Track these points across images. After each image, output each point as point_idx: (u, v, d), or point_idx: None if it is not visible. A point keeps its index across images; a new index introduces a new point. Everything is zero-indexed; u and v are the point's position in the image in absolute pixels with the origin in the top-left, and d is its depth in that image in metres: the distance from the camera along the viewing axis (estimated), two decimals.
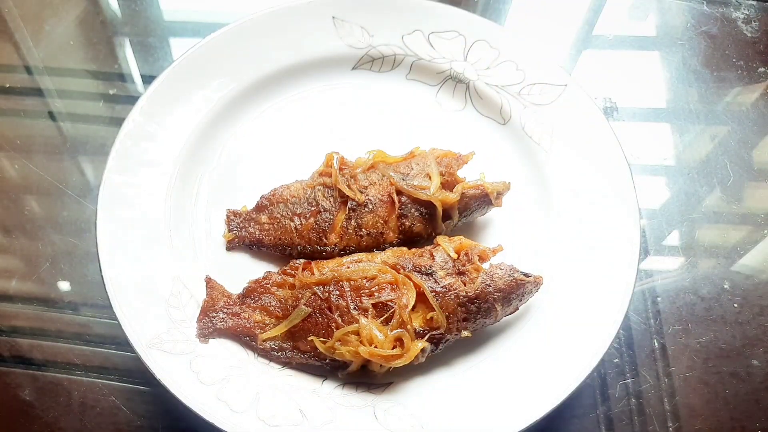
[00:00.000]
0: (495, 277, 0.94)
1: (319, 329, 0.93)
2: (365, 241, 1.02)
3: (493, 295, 0.93)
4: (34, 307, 1.10)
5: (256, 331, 0.97)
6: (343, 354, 0.90)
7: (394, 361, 0.89)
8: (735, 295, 1.14)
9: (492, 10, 1.52)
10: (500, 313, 0.95)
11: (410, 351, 0.89)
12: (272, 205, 1.07)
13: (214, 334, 0.97)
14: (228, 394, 0.90)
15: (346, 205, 1.03)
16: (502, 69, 1.19)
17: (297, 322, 0.95)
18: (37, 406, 1.01)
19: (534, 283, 0.96)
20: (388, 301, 0.92)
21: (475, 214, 1.06)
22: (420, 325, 0.92)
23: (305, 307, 0.94)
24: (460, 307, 0.93)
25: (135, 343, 0.90)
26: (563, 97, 1.15)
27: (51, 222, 1.18)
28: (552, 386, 0.91)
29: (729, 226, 1.22)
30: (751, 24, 1.50)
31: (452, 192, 1.02)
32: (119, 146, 1.06)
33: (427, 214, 1.02)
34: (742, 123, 1.35)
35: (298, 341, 0.95)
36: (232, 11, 1.49)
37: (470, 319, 0.94)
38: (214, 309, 0.98)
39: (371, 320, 0.91)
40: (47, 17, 1.45)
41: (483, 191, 1.02)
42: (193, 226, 1.08)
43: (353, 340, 0.90)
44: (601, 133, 1.11)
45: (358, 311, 0.92)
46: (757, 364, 1.08)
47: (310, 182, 1.08)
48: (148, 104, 1.11)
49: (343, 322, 0.92)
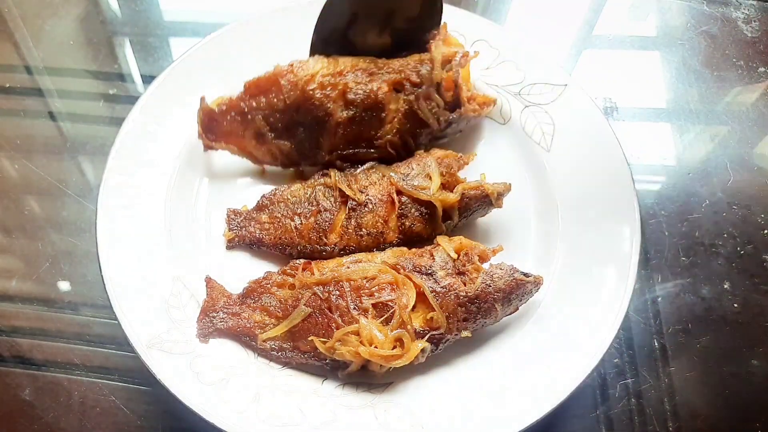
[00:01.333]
0: (495, 277, 0.94)
1: (319, 329, 0.93)
2: (365, 240, 1.02)
3: (493, 295, 0.93)
4: (34, 307, 1.10)
5: (256, 331, 0.97)
6: (343, 354, 0.90)
7: (394, 362, 0.89)
8: (735, 295, 1.14)
9: (492, 10, 1.52)
10: (500, 313, 0.95)
11: (410, 351, 0.89)
12: (273, 204, 1.07)
13: (214, 334, 0.97)
14: (228, 394, 0.90)
15: (347, 204, 1.03)
16: (502, 69, 1.19)
17: (297, 322, 0.95)
18: (37, 406, 1.01)
19: (534, 283, 0.96)
20: (388, 301, 0.92)
21: (476, 215, 1.06)
22: (420, 326, 0.92)
23: (305, 307, 0.94)
24: (460, 307, 0.93)
25: (135, 343, 0.90)
26: (563, 96, 1.15)
27: (51, 222, 1.18)
28: (552, 386, 0.91)
29: (729, 226, 1.22)
30: (751, 24, 1.50)
31: (452, 192, 1.02)
32: (119, 146, 1.06)
33: (428, 214, 1.02)
34: (742, 123, 1.35)
35: (298, 341, 0.95)
36: (232, 11, 1.49)
37: (470, 319, 0.94)
38: (214, 309, 0.98)
39: (371, 320, 0.91)
40: (47, 17, 1.45)
41: (483, 192, 1.02)
42: (193, 225, 1.08)
43: (353, 340, 0.90)
44: (601, 132, 1.11)
45: (358, 311, 0.92)
46: (757, 364, 1.08)
47: (311, 182, 1.08)
48: (148, 104, 1.11)
49: (343, 322, 0.92)
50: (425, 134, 1.10)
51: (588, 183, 1.09)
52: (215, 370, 0.92)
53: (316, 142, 1.08)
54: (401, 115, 1.08)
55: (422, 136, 1.10)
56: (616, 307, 0.96)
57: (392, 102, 1.08)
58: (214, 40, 1.18)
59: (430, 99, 1.07)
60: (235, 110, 1.09)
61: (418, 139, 1.10)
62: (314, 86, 1.06)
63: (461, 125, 1.12)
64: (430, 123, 1.08)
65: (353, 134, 1.08)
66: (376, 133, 1.08)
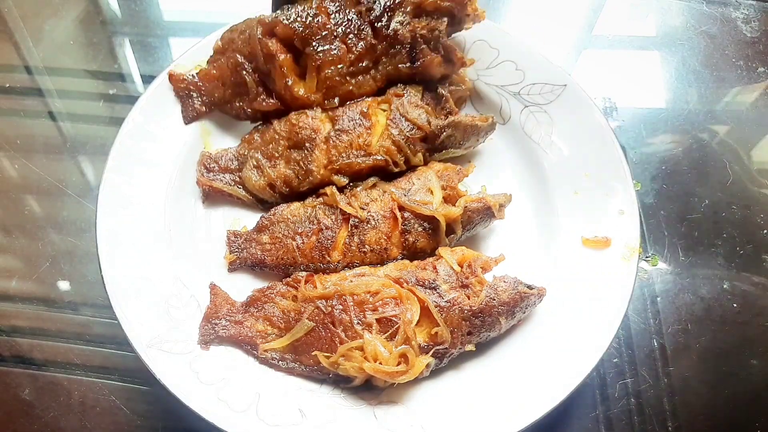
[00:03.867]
0: (499, 290, 0.93)
1: (322, 343, 0.92)
2: (369, 257, 1.00)
3: (497, 308, 0.92)
4: (34, 307, 1.10)
5: (257, 341, 0.96)
6: (347, 370, 0.89)
7: (398, 378, 0.88)
8: (735, 295, 1.14)
9: (492, 10, 1.52)
10: (504, 326, 0.95)
11: (415, 367, 0.88)
12: (273, 224, 1.05)
13: (216, 341, 0.96)
14: (228, 393, 0.90)
15: (348, 222, 1.02)
16: (502, 69, 1.19)
17: (300, 336, 0.94)
18: (37, 405, 1.01)
19: (538, 295, 0.95)
20: (392, 316, 0.91)
21: (478, 228, 1.05)
22: (424, 340, 0.91)
23: (308, 321, 0.93)
24: (464, 322, 0.92)
25: (135, 343, 0.90)
26: (563, 97, 1.15)
27: (51, 222, 1.18)
28: (552, 386, 0.91)
29: (728, 225, 1.22)
30: (751, 24, 1.50)
31: (455, 206, 1.01)
32: (119, 146, 1.06)
33: (431, 229, 1.01)
34: (741, 123, 1.35)
35: (301, 355, 0.94)
36: (232, 11, 1.48)
37: (474, 333, 0.93)
38: (217, 316, 0.97)
39: (376, 336, 0.90)
40: (47, 17, 1.45)
41: (485, 204, 1.01)
42: (193, 225, 1.08)
43: (357, 355, 0.89)
44: (601, 133, 1.10)
45: (361, 326, 0.91)
46: (756, 364, 1.08)
47: (310, 201, 1.06)
48: (148, 104, 1.11)
49: (346, 336, 0.91)
50: (419, 139, 1.07)
51: (588, 183, 1.09)
52: (215, 369, 0.92)
53: (310, 159, 1.06)
54: (388, 120, 1.07)
55: (417, 142, 1.07)
56: (615, 308, 0.96)
57: (380, 115, 1.08)
58: (213, 40, 1.17)
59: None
60: (233, 154, 1.12)
61: (414, 144, 1.07)
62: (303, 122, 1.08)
63: (459, 136, 1.09)
64: (421, 125, 1.06)
65: (344, 144, 1.06)
66: (367, 139, 1.06)
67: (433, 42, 1.09)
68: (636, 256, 1.00)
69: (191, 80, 1.13)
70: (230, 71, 1.11)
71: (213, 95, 1.13)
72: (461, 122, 1.07)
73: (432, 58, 1.08)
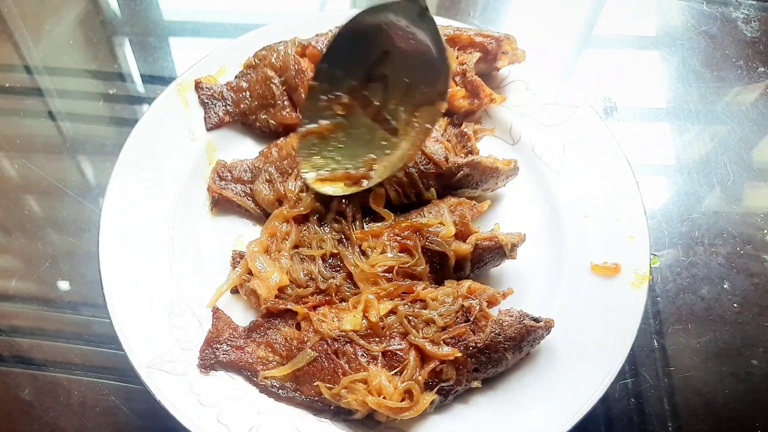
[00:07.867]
0: (505, 326, 0.90)
1: (324, 374, 0.90)
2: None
3: (503, 344, 0.90)
4: (33, 307, 1.10)
5: (258, 368, 0.94)
6: (350, 402, 0.87)
7: (402, 414, 0.86)
8: (735, 295, 1.14)
9: (492, 10, 1.52)
10: (512, 361, 0.92)
11: (419, 404, 0.87)
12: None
13: (216, 366, 0.94)
14: (228, 417, 0.88)
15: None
16: (512, 89, 1.17)
17: (302, 366, 0.92)
18: (37, 405, 1.01)
19: (545, 328, 0.92)
20: (398, 350, 0.89)
21: (489, 266, 1.01)
22: (429, 377, 0.89)
23: (311, 351, 0.91)
24: (470, 358, 0.90)
25: (135, 363, 0.89)
26: (574, 118, 1.12)
27: (51, 222, 1.18)
28: (559, 416, 0.89)
29: (729, 225, 1.22)
30: (751, 24, 1.50)
31: (465, 243, 0.97)
32: (121, 166, 1.04)
33: (438, 264, 0.97)
34: (741, 123, 1.35)
35: (302, 384, 0.92)
36: (232, 11, 1.49)
37: (481, 369, 0.91)
38: (218, 341, 0.96)
39: (381, 369, 0.88)
40: (47, 17, 1.45)
41: (497, 243, 0.96)
42: (197, 242, 1.06)
43: (361, 388, 0.87)
44: (613, 156, 1.08)
45: (366, 358, 0.90)
46: (756, 364, 1.08)
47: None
48: (158, 109, 1.10)
49: (350, 368, 0.89)
50: (434, 175, 1.03)
51: (598, 207, 1.06)
52: (216, 391, 0.91)
53: None
54: None
55: (432, 177, 1.03)
56: (623, 338, 0.94)
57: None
58: (231, 47, 1.18)
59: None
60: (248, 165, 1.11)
61: (427, 179, 1.03)
62: None
63: (477, 177, 1.04)
64: (438, 161, 1.01)
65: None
66: None
67: (460, 75, 1.08)
68: (646, 284, 0.97)
69: (218, 89, 1.14)
70: (259, 84, 1.14)
71: (239, 106, 1.14)
72: (481, 163, 1.02)
73: (456, 90, 1.07)
